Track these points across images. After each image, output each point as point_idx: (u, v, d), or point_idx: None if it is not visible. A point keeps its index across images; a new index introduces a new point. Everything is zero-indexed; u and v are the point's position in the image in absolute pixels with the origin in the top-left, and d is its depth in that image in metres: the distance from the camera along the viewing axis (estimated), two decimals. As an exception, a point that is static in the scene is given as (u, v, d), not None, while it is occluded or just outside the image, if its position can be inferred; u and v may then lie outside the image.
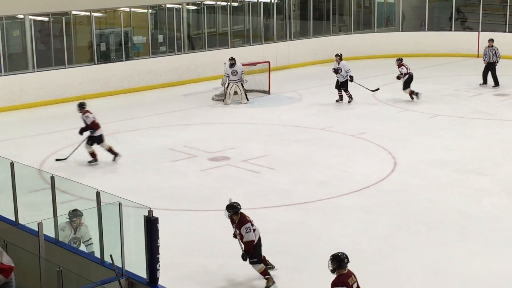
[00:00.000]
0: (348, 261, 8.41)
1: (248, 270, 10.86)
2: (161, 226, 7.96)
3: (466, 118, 19.70)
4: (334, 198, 13.81)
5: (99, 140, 16.20)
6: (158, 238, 7.97)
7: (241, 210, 10.50)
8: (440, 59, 29.06)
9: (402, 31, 30.89)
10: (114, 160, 16.15)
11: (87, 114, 16.27)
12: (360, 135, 18.08)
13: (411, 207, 13.31)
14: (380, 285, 10.41)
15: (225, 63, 22.45)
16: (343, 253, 8.48)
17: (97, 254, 8.66)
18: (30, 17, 22.28)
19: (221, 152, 16.74)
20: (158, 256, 8.00)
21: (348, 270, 8.44)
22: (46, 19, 22.78)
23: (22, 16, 22.39)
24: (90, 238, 10.19)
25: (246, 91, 21.99)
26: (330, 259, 8.41)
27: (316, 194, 14.03)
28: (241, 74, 21.82)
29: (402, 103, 21.61)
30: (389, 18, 32.32)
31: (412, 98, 21.70)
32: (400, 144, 17.30)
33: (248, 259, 10.24)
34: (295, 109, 21.12)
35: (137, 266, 8.18)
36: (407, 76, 21.72)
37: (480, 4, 29.74)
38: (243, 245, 10.27)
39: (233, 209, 10.46)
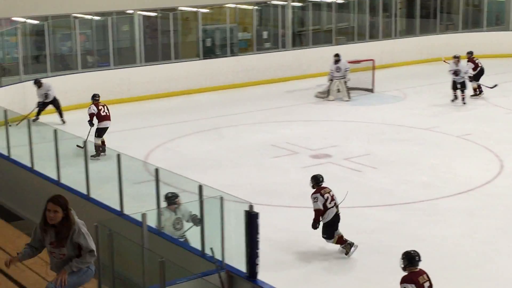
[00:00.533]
0: (419, 259, 8.32)
1: (348, 269, 10.80)
2: (261, 222, 7.99)
3: None
4: (437, 200, 13.55)
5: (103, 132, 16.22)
6: (258, 233, 8.01)
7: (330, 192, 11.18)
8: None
9: (512, 30, 30.02)
10: (94, 156, 15.19)
11: (92, 106, 16.38)
12: (466, 136, 17.66)
13: (518, 212, 12.93)
14: (483, 290, 10.16)
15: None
16: (415, 251, 8.39)
17: (198, 247, 8.78)
18: (139, 12, 22.81)
19: (322, 149, 16.68)
20: (257, 250, 8.04)
21: (420, 269, 8.33)
22: (154, 14, 23.27)
23: (131, 12, 22.94)
24: (191, 213, 10.29)
25: (348, 89, 21.83)
26: (402, 256, 8.36)
27: (418, 195, 13.80)
28: (345, 71, 21.69)
29: (510, 104, 20.99)
30: (499, 17, 31.43)
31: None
32: (508, 147, 16.80)
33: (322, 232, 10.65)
34: (398, 108, 20.83)
35: (237, 260, 8.25)
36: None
37: None
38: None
39: (313, 180, 11.41)
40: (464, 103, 20.90)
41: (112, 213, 10.26)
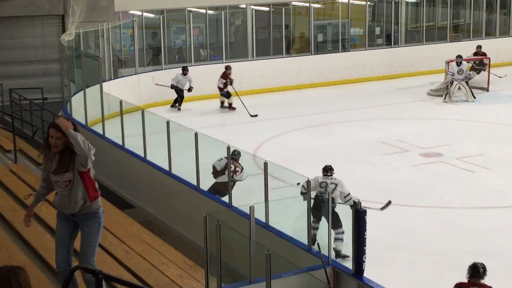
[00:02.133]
0: (483, 272, 8.07)
1: (458, 269, 10.53)
2: (369, 219, 7.91)
3: None
4: (554, 203, 13.06)
5: None
6: (365, 230, 7.94)
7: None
8: None
9: None
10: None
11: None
12: None
13: None
14: None
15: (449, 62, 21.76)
16: (482, 264, 8.12)
17: (305, 241, 8.77)
18: (252, 7, 22.97)
19: (434, 148, 16.34)
20: (364, 248, 7.96)
21: (478, 283, 8.03)
22: (267, 9, 23.38)
23: (244, 6, 23.14)
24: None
25: (471, 89, 21.19)
26: (468, 266, 8.13)
27: (534, 197, 13.34)
28: (466, 71, 21.11)
29: None
30: None
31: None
32: None
33: None
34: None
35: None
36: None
37: None
38: None
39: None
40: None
41: (221, 205, 10.38)
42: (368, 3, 25.12)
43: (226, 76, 20.09)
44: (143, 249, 8.95)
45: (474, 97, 20.86)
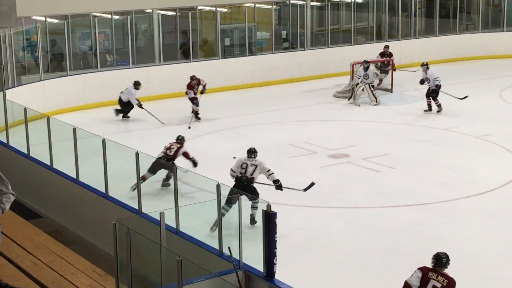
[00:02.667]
0: (446, 262, 8.40)
1: (367, 269, 10.75)
2: (279, 221, 7.97)
3: None
4: (457, 200, 13.47)
5: None
6: (276, 232, 8.00)
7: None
8: None
9: (533, 30, 29.75)
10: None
11: None
12: (486, 136, 17.54)
13: (538, 213, 12.82)
14: (503, 292, 10.08)
15: (354, 64, 22.17)
16: (444, 253, 8.50)
17: (216, 246, 8.77)
18: (158, 11, 22.84)
19: (341, 149, 16.62)
20: (275, 250, 8.02)
21: (440, 271, 8.34)
22: (173, 13, 23.30)
23: (150, 11, 22.98)
24: None
25: (374, 92, 21.57)
26: (432, 256, 8.46)
27: (438, 195, 13.71)
28: (373, 76, 21.45)
29: (531, 105, 20.85)
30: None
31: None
32: (528, 147, 16.70)
33: None
34: (418, 108, 20.69)
35: (254, 259, 8.24)
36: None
37: None
38: None
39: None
40: (438, 111, 20.19)
41: (130, 212, 10.28)
42: (274, 7, 25.34)
43: (191, 86, 19.78)
44: (51, 260, 8.78)
45: (377, 101, 21.19)
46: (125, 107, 19.78)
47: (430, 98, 20.22)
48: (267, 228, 7.97)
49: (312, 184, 12.93)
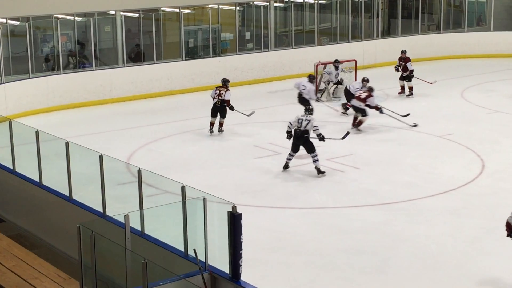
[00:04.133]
0: None
1: (332, 269, 10.81)
2: (244, 222, 7.99)
3: (559, 121, 19.11)
4: (420, 200, 13.60)
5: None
6: (241, 234, 8.01)
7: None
8: (533, 60, 28.26)
9: (493, 30, 30.15)
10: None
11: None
12: (448, 136, 17.74)
13: (500, 211, 12.92)
14: (466, 290, 10.21)
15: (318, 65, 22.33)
16: None
17: (181, 248, 8.76)
18: (121, 13, 22.74)
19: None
20: (241, 252, 8.04)
21: None
22: (136, 15, 23.21)
23: (113, 12, 22.87)
24: None
25: (334, 92, 21.87)
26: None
27: (401, 194, 13.84)
28: (335, 76, 21.81)
29: (492, 104, 21.11)
30: (480, 17, 31.61)
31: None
32: (489, 146, 16.90)
33: None
34: (381, 109, 20.84)
35: (220, 261, 8.24)
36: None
37: None
38: None
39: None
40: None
41: (94, 215, 10.22)
42: (238, 8, 25.36)
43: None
44: (14, 264, 8.71)
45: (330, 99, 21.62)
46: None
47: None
48: (233, 230, 7.98)
49: (348, 133, 16.23)
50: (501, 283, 10.33)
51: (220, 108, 18.16)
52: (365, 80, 19.85)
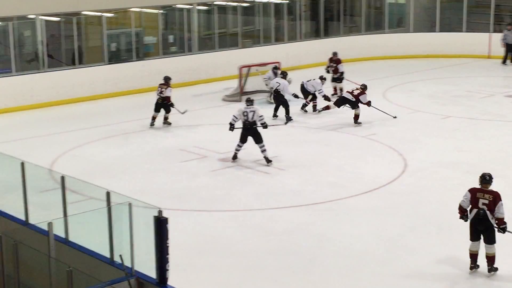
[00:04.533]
0: (489, 179, 10.49)
1: (259, 271, 10.85)
2: (170, 227, 7.95)
3: (477, 120, 19.63)
4: (344, 199, 13.78)
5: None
6: (167, 238, 7.98)
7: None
8: (451, 60, 28.96)
9: (412, 32, 30.79)
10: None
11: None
12: (371, 136, 18.04)
13: (422, 209, 13.27)
14: (390, 286, 10.38)
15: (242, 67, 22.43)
16: (488, 173, 10.59)
17: (107, 254, 8.67)
18: (41, 17, 22.34)
19: (231, 152, 16.68)
20: (167, 256, 8.00)
21: (486, 189, 10.40)
22: (57, 19, 22.85)
23: (33, 16, 22.46)
24: None
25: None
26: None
27: (326, 195, 14.00)
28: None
29: (413, 104, 21.56)
30: (401, 19, 32.24)
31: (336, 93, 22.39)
32: (411, 146, 17.25)
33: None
34: (305, 110, 21.04)
35: (147, 266, 8.19)
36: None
37: (490, 5, 29.69)
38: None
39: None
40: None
41: (17, 223, 10.02)
42: (160, 11, 25.24)
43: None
44: None
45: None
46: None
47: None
48: (159, 234, 7.94)
49: (290, 119, 19.15)
50: (424, 280, 10.55)
51: (162, 105, 19.15)
52: (323, 78, 20.67)
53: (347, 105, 19.28)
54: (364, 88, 19.35)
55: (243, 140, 15.86)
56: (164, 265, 8.00)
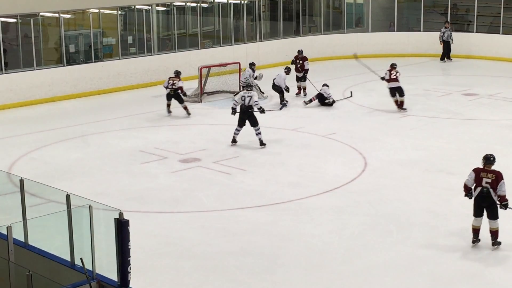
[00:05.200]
0: (493, 160, 11.28)
1: (222, 271, 10.85)
2: (132, 229, 7.92)
3: (435, 118, 19.86)
4: (305, 199, 13.84)
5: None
6: (129, 240, 7.94)
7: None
8: (409, 59, 29.27)
9: (371, 31, 31.04)
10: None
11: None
12: (331, 135, 18.15)
13: (382, 207, 13.39)
14: (352, 285, 10.46)
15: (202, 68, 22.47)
16: (491, 154, 11.35)
17: (68, 258, 8.60)
18: (-2, 18, 22.08)
19: (191, 153, 16.70)
20: (129, 258, 7.96)
21: (489, 168, 11.20)
22: (14, 20, 22.58)
23: (-11, 18, 22.18)
24: None
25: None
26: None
27: (287, 195, 14.05)
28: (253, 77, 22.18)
29: (372, 103, 21.74)
30: (359, 19, 32.48)
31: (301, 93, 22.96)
32: (370, 144, 17.39)
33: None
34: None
35: (108, 269, 8.14)
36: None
37: (448, 5, 30.07)
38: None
39: None
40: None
41: (-25, 228, 9.89)
42: (119, 12, 25.09)
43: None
44: None
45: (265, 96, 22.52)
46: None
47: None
48: (120, 237, 7.89)
49: (285, 105, 20.71)
50: (385, 277, 10.65)
51: (174, 95, 20.32)
52: (288, 69, 22.07)
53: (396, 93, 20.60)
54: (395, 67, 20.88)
55: (240, 124, 17.22)
56: (126, 267, 7.95)
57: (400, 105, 20.54)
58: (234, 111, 17.43)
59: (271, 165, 15.94)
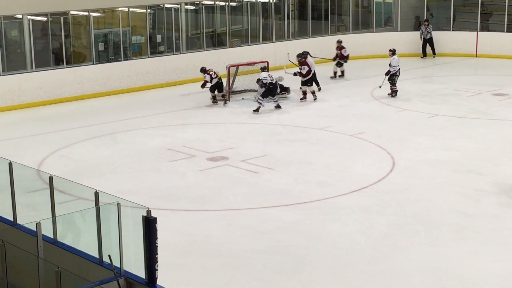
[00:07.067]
0: None
1: (248, 270, 10.87)
2: (159, 226, 7.95)
3: (464, 118, 19.71)
4: (333, 198, 13.81)
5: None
6: (156, 238, 7.97)
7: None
8: (439, 59, 29.07)
9: (400, 30, 30.85)
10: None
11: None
12: (359, 135, 18.08)
13: (410, 207, 13.31)
14: (379, 285, 10.41)
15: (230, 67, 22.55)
16: None
17: (96, 254, 8.66)
18: (29, 17, 22.27)
19: (219, 152, 16.73)
20: (156, 256, 8.00)
21: None
22: (44, 19, 22.77)
23: (20, 16, 22.38)
24: None
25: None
26: None
27: (314, 194, 14.03)
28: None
29: (400, 102, 21.63)
30: (388, 18, 32.30)
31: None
32: (399, 144, 17.30)
33: None
34: (294, 109, 21.11)
35: (136, 266, 8.19)
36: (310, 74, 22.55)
37: (478, 4, 29.81)
38: None
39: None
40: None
41: (5, 224, 9.99)
42: (148, 10, 25.20)
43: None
44: None
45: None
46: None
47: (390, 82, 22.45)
48: (148, 234, 7.93)
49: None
50: (413, 278, 10.59)
51: (219, 84, 21.94)
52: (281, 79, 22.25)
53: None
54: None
55: (265, 95, 20.64)
56: (153, 265, 7.99)
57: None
58: (265, 85, 20.40)
59: (298, 164, 15.92)
